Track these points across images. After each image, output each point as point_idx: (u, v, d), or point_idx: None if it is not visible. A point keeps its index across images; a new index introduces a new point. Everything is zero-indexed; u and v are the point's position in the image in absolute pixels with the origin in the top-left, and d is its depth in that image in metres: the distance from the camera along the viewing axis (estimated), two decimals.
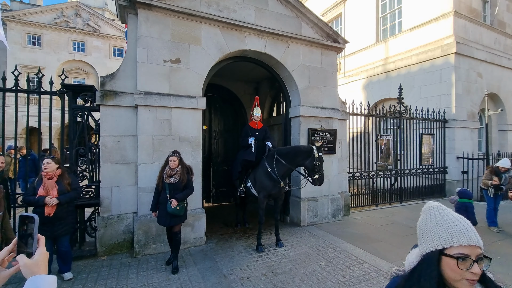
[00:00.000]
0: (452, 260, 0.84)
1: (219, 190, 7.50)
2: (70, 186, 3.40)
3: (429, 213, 0.96)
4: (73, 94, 4.32)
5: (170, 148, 4.32)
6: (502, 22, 10.44)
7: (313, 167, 4.25)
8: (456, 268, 0.83)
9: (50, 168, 3.29)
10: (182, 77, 4.53)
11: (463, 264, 0.83)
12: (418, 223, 0.99)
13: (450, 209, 0.95)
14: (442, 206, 0.96)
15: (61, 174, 3.38)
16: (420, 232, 0.96)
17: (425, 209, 0.99)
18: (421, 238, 0.95)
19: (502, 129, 10.36)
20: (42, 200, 3.14)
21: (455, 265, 0.83)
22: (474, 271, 0.82)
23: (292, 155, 4.42)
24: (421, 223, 0.97)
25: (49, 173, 3.28)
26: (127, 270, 3.66)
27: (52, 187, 3.24)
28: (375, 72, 10.82)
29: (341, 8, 12.97)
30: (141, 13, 4.29)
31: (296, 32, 5.58)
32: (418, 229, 0.98)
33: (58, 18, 23.64)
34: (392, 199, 7.62)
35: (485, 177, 5.47)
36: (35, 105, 13.79)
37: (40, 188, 3.22)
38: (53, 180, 3.30)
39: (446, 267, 0.86)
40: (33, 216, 0.82)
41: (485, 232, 5.25)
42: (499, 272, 3.69)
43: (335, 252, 4.28)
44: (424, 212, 0.98)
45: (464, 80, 8.65)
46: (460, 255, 0.84)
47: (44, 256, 0.82)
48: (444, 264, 0.86)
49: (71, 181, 3.45)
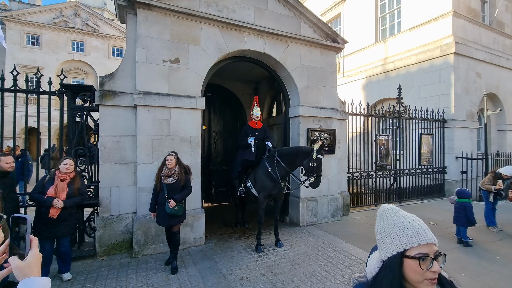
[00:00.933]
0: (414, 261, 0.83)
1: (219, 190, 7.49)
2: (78, 191, 3.39)
3: (384, 216, 0.94)
4: (72, 94, 4.30)
5: (169, 148, 4.31)
6: (501, 22, 10.47)
7: (308, 168, 4.20)
8: (418, 269, 0.82)
9: (71, 170, 3.32)
10: (181, 77, 4.53)
11: (424, 264, 0.82)
12: (376, 228, 0.97)
13: (402, 210, 0.95)
14: (395, 207, 0.95)
15: (74, 177, 3.39)
16: (379, 237, 0.93)
17: (380, 212, 0.97)
18: (381, 243, 0.92)
19: (501, 129, 10.38)
20: (50, 201, 3.14)
21: (417, 266, 0.82)
22: (434, 269, 0.82)
23: (293, 155, 4.41)
24: (378, 227, 0.95)
25: (66, 174, 3.28)
26: (126, 271, 3.66)
27: (63, 189, 3.24)
28: (375, 72, 10.83)
29: (340, 8, 12.98)
30: (140, 13, 4.28)
31: (296, 32, 5.58)
32: (376, 235, 0.96)
33: (57, 18, 23.61)
34: (391, 199, 7.62)
35: (488, 182, 5.35)
36: (34, 105, 13.75)
37: (50, 188, 3.21)
38: (65, 182, 3.30)
39: (409, 270, 0.85)
40: (25, 217, 0.80)
41: (484, 232, 5.26)
42: (498, 272, 3.69)
43: (334, 252, 4.28)
44: (379, 216, 0.97)
45: (463, 80, 8.66)
46: (421, 254, 0.83)
47: (37, 258, 0.80)
48: (406, 266, 0.85)
49: (80, 186, 3.44)
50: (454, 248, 4.46)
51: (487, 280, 3.46)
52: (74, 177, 3.39)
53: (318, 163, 4.16)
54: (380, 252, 0.94)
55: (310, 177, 4.17)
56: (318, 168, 4.16)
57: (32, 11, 22.76)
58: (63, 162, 3.33)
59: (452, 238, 4.83)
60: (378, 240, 0.94)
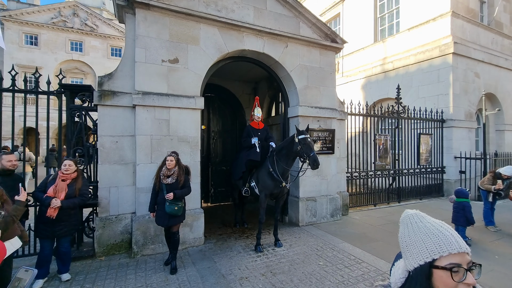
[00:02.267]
0: (445, 272, 0.75)
1: (218, 190, 7.49)
2: (79, 192, 3.37)
3: (409, 223, 0.86)
4: (71, 94, 4.29)
5: (168, 148, 4.31)
6: (499, 22, 10.50)
7: (298, 152, 4.14)
8: (450, 281, 0.74)
9: (71, 171, 3.32)
10: (180, 77, 4.52)
11: (456, 276, 0.74)
12: (400, 236, 0.88)
13: (427, 215, 0.87)
14: (420, 213, 0.87)
15: (75, 177, 3.38)
16: (404, 245, 0.85)
17: (404, 218, 0.89)
18: (406, 251, 0.84)
19: (499, 129, 10.41)
20: (48, 201, 3.14)
21: (449, 277, 0.74)
22: (468, 281, 0.73)
23: (284, 149, 4.40)
24: (403, 235, 0.87)
25: (66, 175, 3.28)
26: (125, 271, 3.65)
27: (62, 190, 3.23)
28: (374, 72, 10.85)
29: (339, 8, 12.99)
30: (139, 12, 4.28)
31: (295, 32, 5.58)
32: (400, 242, 0.88)
33: (55, 18, 23.56)
34: (391, 199, 7.64)
35: (487, 182, 5.38)
36: (32, 105, 13.71)
37: (51, 187, 3.21)
38: (66, 182, 3.29)
39: (439, 282, 0.76)
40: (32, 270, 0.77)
41: (483, 232, 5.27)
42: (497, 271, 3.70)
43: (333, 252, 4.28)
44: (403, 223, 0.89)
45: (461, 80, 8.69)
46: (452, 265, 0.74)
47: None
48: (435, 278, 0.77)
49: (82, 186, 3.41)
50: None
51: (485, 280, 3.47)
52: (76, 177, 3.38)
53: (303, 143, 4.09)
54: (405, 261, 0.85)
55: (305, 160, 4.09)
56: (307, 148, 4.05)
57: (30, 10, 22.70)
58: (62, 163, 3.33)
59: None
60: (403, 249, 0.86)
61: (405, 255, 0.85)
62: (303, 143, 4.09)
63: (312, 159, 3.97)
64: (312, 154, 4.00)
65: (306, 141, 4.10)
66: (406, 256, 0.84)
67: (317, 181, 5.77)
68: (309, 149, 4.05)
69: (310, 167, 4.05)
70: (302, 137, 4.12)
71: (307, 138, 4.14)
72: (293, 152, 4.24)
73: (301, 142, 4.11)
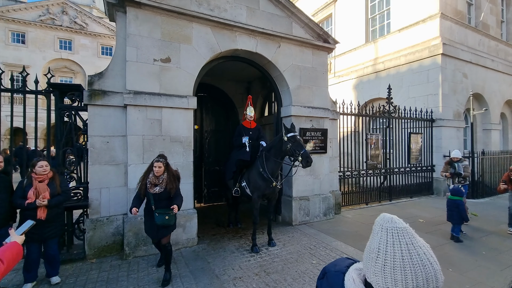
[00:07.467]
0: None
1: (211, 190, 7.45)
2: (61, 188, 3.31)
3: (397, 242, 0.75)
4: (60, 94, 4.20)
5: (160, 148, 4.26)
6: (486, 24, 10.76)
7: (287, 151, 4.04)
8: None
9: (48, 170, 3.24)
10: (172, 76, 4.48)
11: None
12: (373, 247, 0.79)
13: (416, 234, 0.78)
14: (409, 229, 0.78)
15: (52, 176, 3.30)
16: (379, 262, 0.76)
17: (389, 230, 0.78)
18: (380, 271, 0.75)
19: (486, 128, 10.68)
20: (33, 205, 3.06)
21: None
22: None
23: (273, 149, 4.36)
24: (383, 249, 0.76)
25: (43, 175, 3.20)
26: (117, 273, 3.60)
27: (44, 190, 3.15)
28: (365, 72, 10.98)
29: (331, 9, 13.10)
30: (130, 11, 4.22)
31: (287, 32, 5.60)
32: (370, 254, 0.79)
33: (43, 15, 23.00)
34: (382, 197, 7.74)
35: (443, 170, 5.87)
36: (19, 105, 13.36)
37: (30, 191, 3.11)
38: (45, 182, 3.21)
39: None
40: None
41: (469, 228, 5.41)
42: (484, 267, 3.80)
43: (326, 250, 4.32)
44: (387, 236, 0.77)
45: (450, 80, 8.88)
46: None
47: None
48: None
49: (61, 183, 3.37)
50: (443, 244, 4.57)
51: (474, 275, 3.56)
52: (52, 176, 3.30)
53: (293, 141, 4.01)
54: (370, 278, 0.78)
55: (297, 158, 3.98)
56: (297, 146, 3.97)
57: (17, 7, 22.10)
58: (38, 165, 3.19)
59: (442, 235, 4.95)
60: (371, 262, 0.77)
61: (372, 271, 0.77)
62: (292, 141, 4.04)
63: (304, 156, 3.90)
64: (303, 152, 3.94)
65: (296, 139, 4.05)
66: (375, 273, 0.76)
67: (310, 180, 5.80)
68: (300, 147, 3.99)
69: (302, 165, 3.98)
70: (291, 135, 4.07)
71: (296, 135, 4.10)
72: (283, 151, 4.19)
73: (290, 140, 4.05)
